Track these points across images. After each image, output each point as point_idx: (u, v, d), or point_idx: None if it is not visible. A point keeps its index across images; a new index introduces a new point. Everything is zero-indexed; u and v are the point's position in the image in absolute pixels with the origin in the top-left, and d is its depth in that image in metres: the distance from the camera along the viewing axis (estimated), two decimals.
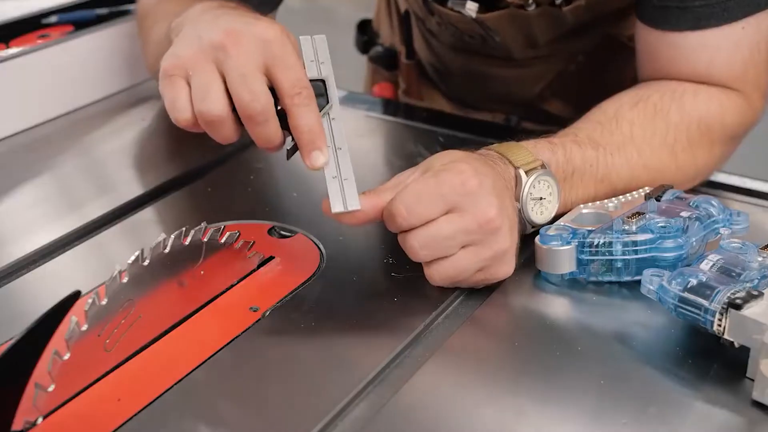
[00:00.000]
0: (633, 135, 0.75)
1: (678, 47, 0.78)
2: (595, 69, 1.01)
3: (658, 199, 0.70)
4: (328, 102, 0.65)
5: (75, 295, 0.54)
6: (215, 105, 0.62)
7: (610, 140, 0.75)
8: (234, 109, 0.63)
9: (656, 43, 0.80)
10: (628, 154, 0.75)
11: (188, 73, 0.64)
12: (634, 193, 0.72)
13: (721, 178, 0.86)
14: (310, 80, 0.64)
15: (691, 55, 0.78)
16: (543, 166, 0.70)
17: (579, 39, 0.99)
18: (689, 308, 0.59)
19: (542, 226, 0.70)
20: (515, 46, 1.00)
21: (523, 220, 0.69)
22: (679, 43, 0.78)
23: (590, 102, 0.82)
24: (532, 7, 0.92)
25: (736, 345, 0.58)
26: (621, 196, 0.72)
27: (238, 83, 0.62)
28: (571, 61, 1.02)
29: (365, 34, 1.25)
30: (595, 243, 0.66)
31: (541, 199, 0.70)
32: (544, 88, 1.04)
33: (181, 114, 0.65)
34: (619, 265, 0.67)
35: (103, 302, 0.56)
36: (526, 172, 0.69)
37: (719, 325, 0.58)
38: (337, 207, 0.63)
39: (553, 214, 0.71)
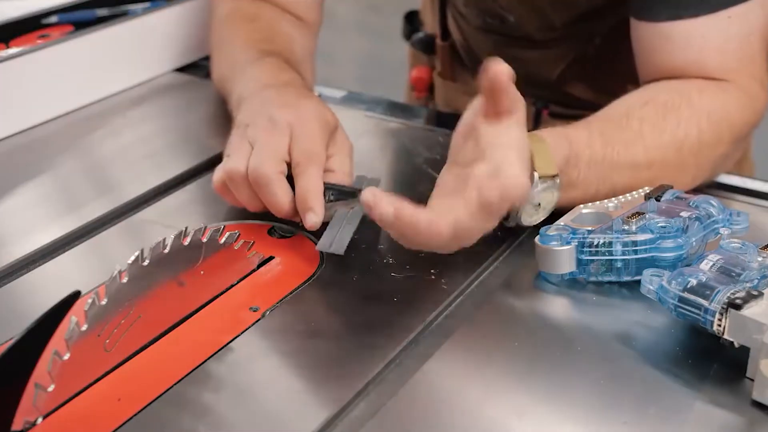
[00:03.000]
0: (642, 131, 0.76)
1: (667, 38, 0.80)
2: (613, 52, 1.02)
3: (658, 199, 0.70)
4: (355, 198, 0.74)
5: (75, 295, 0.54)
6: (235, 163, 0.73)
7: (620, 137, 0.75)
8: None
9: (647, 36, 0.82)
10: (634, 152, 0.75)
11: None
12: (634, 193, 0.72)
13: (721, 178, 0.86)
14: (351, 189, 0.74)
15: (681, 45, 0.80)
16: (556, 176, 0.70)
17: (596, 21, 1.01)
18: (689, 308, 0.59)
19: (526, 227, 0.72)
20: (531, 28, 1.02)
21: (512, 216, 0.71)
22: (668, 33, 0.80)
23: (609, 85, 0.85)
24: None
25: (736, 345, 0.58)
26: (621, 196, 0.72)
27: (254, 154, 0.72)
28: (588, 44, 1.04)
29: (411, 24, 1.31)
30: (595, 243, 0.66)
31: (538, 205, 0.71)
32: (564, 70, 1.07)
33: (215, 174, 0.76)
34: (619, 265, 0.67)
35: (103, 302, 0.56)
36: (540, 177, 0.69)
37: (719, 325, 0.58)
38: (322, 246, 0.70)
39: (541, 219, 0.72)
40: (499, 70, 0.62)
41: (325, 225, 0.72)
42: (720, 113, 0.78)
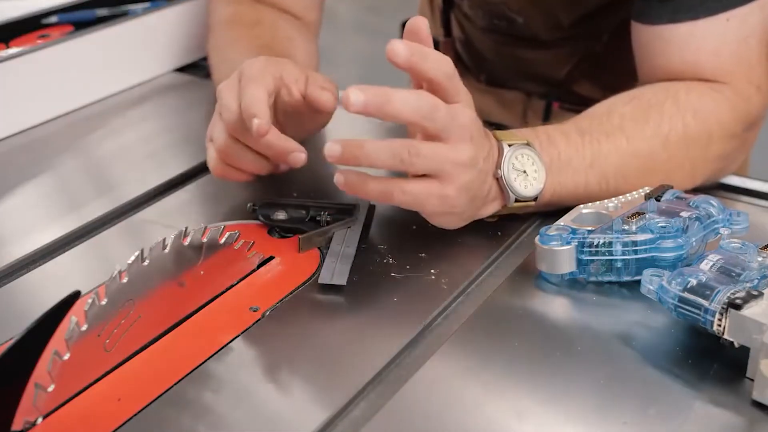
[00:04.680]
0: (623, 126, 0.77)
1: (666, 41, 0.81)
2: (621, 50, 1.03)
3: (658, 199, 0.70)
4: (351, 217, 0.75)
5: (75, 295, 0.54)
6: (225, 101, 0.72)
7: (599, 129, 0.76)
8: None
9: (647, 39, 0.83)
10: (617, 141, 0.76)
11: None
12: (634, 193, 0.72)
13: None
14: (347, 206, 0.76)
15: (679, 48, 0.80)
16: (528, 143, 0.72)
17: (603, 19, 1.02)
18: (689, 308, 0.59)
19: (528, 199, 0.72)
20: (539, 28, 1.03)
21: (506, 189, 0.71)
22: (667, 36, 0.81)
23: (617, 83, 0.85)
24: None
25: (736, 345, 0.58)
26: (621, 196, 0.72)
27: (242, 92, 0.71)
28: (596, 42, 1.05)
29: None
30: (595, 243, 0.66)
31: (524, 172, 0.72)
32: (571, 69, 1.08)
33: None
34: (619, 265, 0.67)
35: (103, 302, 0.56)
36: (509, 145, 0.71)
37: (719, 325, 0.58)
38: (324, 278, 0.68)
39: (539, 189, 0.72)
40: (422, 26, 0.66)
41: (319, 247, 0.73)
42: (708, 111, 0.78)
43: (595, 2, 0.98)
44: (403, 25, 1.33)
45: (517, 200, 0.72)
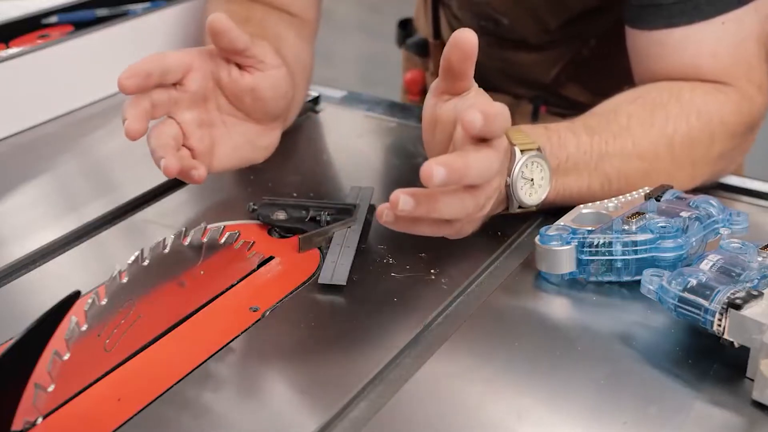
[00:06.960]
0: (630, 125, 0.76)
1: (662, 44, 0.81)
2: (609, 53, 1.03)
3: (658, 199, 0.70)
4: (351, 217, 0.76)
5: (75, 295, 0.54)
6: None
7: (607, 128, 0.76)
8: None
9: (642, 44, 0.83)
10: (623, 143, 0.76)
11: None
12: (634, 193, 0.72)
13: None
14: (347, 205, 0.77)
15: (676, 52, 0.80)
16: (539, 149, 0.70)
17: (590, 22, 1.02)
18: (689, 308, 0.59)
19: (530, 207, 0.71)
20: (526, 31, 1.03)
21: (511, 197, 0.70)
22: (663, 40, 0.80)
23: (606, 87, 0.85)
24: None
25: (736, 345, 0.58)
26: (621, 197, 0.72)
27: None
28: (583, 46, 1.05)
29: (405, 30, 1.32)
30: (595, 243, 0.66)
31: (531, 180, 0.71)
32: (559, 72, 1.07)
33: None
34: (619, 265, 0.67)
35: (103, 302, 0.56)
36: (522, 151, 0.69)
37: (719, 325, 0.58)
38: (324, 278, 0.68)
39: (542, 198, 0.71)
40: (470, 39, 0.62)
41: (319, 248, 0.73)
42: (711, 111, 0.78)
43: (581, 6, 0.98)
44: (399, 24, 1.34)
45: (519, 206, 0.71)
